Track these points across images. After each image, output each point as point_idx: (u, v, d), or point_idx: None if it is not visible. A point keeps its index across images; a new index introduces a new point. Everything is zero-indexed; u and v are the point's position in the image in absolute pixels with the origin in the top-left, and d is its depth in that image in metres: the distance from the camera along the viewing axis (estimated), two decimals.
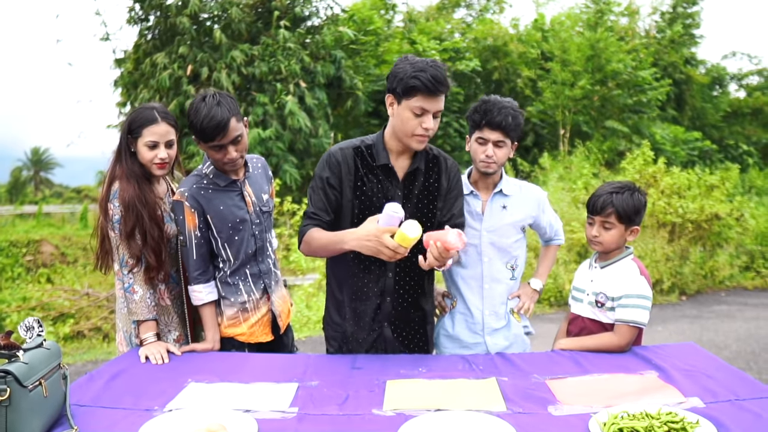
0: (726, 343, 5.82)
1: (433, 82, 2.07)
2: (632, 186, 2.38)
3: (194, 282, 2.47)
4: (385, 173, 2.30)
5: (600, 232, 2.37)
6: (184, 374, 2.11)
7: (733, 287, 8.71)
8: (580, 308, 2.45)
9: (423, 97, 2.10)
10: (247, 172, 2.55)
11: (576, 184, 10.33)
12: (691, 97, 18.92)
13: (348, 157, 2.30)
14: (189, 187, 2.43)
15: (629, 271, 2.35)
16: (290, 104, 11.37)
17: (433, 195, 2.35)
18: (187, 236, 2.44)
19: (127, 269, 2.38)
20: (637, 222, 2.38)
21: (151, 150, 2.38)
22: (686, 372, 2.01)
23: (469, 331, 2.55)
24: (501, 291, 2.55)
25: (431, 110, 2.13)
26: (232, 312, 2.52)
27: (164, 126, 2.39)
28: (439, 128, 11.45)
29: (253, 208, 2.52)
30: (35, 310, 6.74)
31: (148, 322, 2.39)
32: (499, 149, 2.45)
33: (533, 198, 2.61)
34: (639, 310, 2.26)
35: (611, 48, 14.85)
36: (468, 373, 2.10)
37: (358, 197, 2.29)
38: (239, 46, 11.82)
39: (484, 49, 16.59)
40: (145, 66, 12.18)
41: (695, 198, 8.87)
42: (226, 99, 2.35)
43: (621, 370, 2.07)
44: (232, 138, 2.32)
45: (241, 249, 2.49)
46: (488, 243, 2.53)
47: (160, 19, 12.47)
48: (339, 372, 2.13)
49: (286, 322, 2.69)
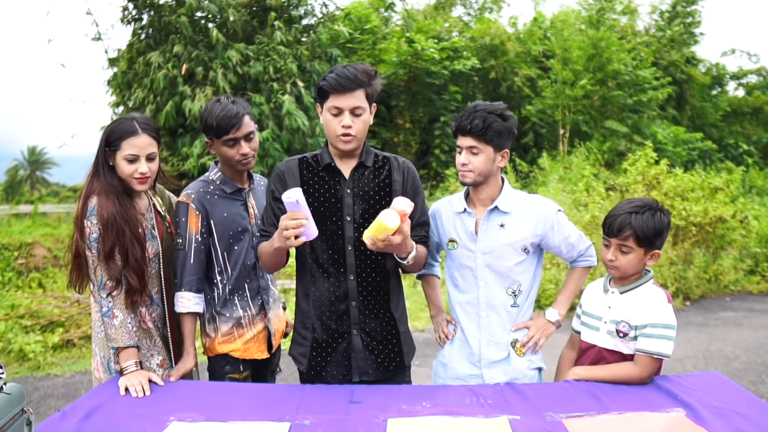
0: (735, 353, 5.65)
1: (338, 79, 2.08)
2: (654, 205, 2.14)
3: (185, 287, 2.35)
4: (330, 173, 2.23)
5: (616, 256, 2.15)
6: (167, 410, 1.93)
7: (738, 292, 8.55)
8: (595, 337, 2.22)
9: (335, 96, 2.10)
10: (252, 184, 2.53)
11: (577, 185, 10.17)
12: (691, 97, 18.81)
13: (291, 167, 2.27)
14: (196, 190, 2.41)
15: (655, 298, 2.14)
16: (287, 104, 11.19)
17: (385, 191, 2.24)
18: (187, 240, 2.36)
19: (105, 292, 2.20)
20: (658, 245, 2.14)
21: (130, 164, 2.22)
22: (716, 410, 1.83)
23: (466, 362, 2.35)
24: (501, 320, 2.32)
25: (345, 108, 2.11)
26: (227, 328, 2.43)
27: (145, 138, 2.24)
28: (436, 129, 11.22)
29: (255, 220, 2.47)
30: (24, 318, 6.55)
31: (129, 349, 2.22)
32: (474, 156, 2.24)
33: (537, 214, 2.31)
34: (664, 341, 2.07)
35: (613, 47, 14.69)
36: (476, 409, 1.92)
37: (310, 200, 2.16)
38: (235, 45, 11.63)
39: (481, 48, 16.43)
40: (139, 65, 11.98)
41: (699, 200, 8.69)
42: (240, 100, 2.41)
43: (645, 406, 1.89)
44: (245, 133, 2.36)
45: (239, 260, 2.42)
46: (484, 265, 2.31)
47: (154, 18, 12.27)
48: (335, 407, 1.95)
49: (279, 341, 2.59)
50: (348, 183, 2.21)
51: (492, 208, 2.31)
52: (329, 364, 2.26)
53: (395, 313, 2.31)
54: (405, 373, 2.38)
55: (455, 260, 2.38)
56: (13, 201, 23.08)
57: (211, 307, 2.43)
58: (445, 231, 2.41)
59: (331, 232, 2.19)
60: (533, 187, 11.98)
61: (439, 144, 14.75)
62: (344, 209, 2.20)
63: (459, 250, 2.36)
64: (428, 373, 5.06)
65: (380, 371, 2.27)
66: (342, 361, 2.25)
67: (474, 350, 2.33)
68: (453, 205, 2.42)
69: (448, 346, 2.42)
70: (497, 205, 2.30)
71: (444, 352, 2.44)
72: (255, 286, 2.47)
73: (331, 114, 2.12)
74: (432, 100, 15.11)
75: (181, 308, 2.35)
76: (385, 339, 2.28)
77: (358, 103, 2.11)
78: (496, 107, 2.24)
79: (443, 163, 14.32)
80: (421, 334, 6.30)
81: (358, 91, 2.10)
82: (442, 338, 2.45)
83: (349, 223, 2.20)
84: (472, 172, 2.25)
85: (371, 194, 2.22)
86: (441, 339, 2.46)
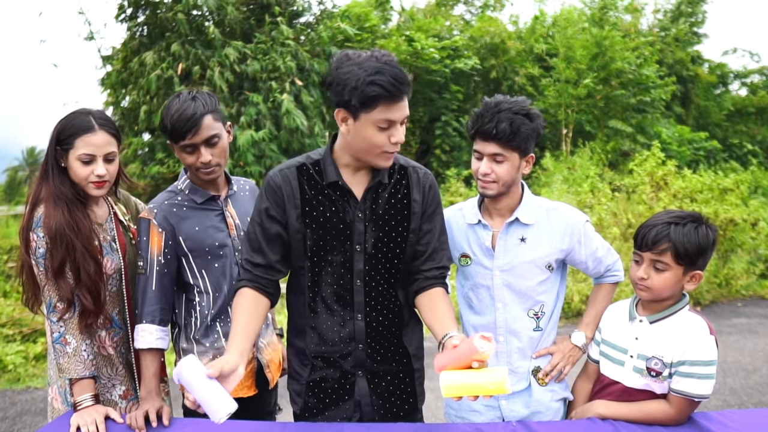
0: (755, 365, 5.34)
1: (396, 84, 1.65)
2: (698, 217, 1.80)
3: (146, 319, 1.99)
4: (337, 192, 1.84)
5: (649, 274, 1.80)
6: None
7: (750, 296, 8.24)
8: (620, 374, 1.89)
9: (386, 105, 1.66)
10: (231, 190, 2.16)
11: (582, 186, 9.91)
12: (695, 96, 18.57)
13: (289, 177, 1.85)
14: (160, 203, 2.04)
15: (694, 330, 1.79)
16: (286, 103, 10.90)
17: (403, 214, 1.87)
18: (149, 262, 2.00)
19: (56, 316, 1.90)
20: (701, 265, 1.80)
21: (86, 165, 1.93)
22: None
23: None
24: (522, 345, 2.04)
25: (399, 119, 1.70)
26: (206, 360, 2.03)
27: (103, 135, 1.94)
28: (436, 129, 11.00)
29: (236, 232, 2.10)
30: (5, 326, 6.27)
31: (84, 380, 1.92)
32: (498, 165, 1.92)
33: (563, 226, 2.01)
34: (706, 381, 1.75)
35: (617, 46, 14.43)
36: None
37: (308, 225, 1.82)
38: (232, 43, 11.36)
39: (481, 47, 16.16)
40: (134, 65, 11.71)
41: (708, 202, 8.41)
42: (204, 95, 1.99)
43: None
44: (205, 137, 1.97)
45: (221, 280, 2.07)
46: (502, 285, 2.01)
47: (149, 16, 12.00)
48: None
49: (277, 376, 2.22)
50: (360, 205, 1.83)
51: (512, 221, 2.01)
52: (327, 408, 1.92)
53: (410, 347, 1.97)
54: (416, 416, 2.03)
55: (469, 279, 2.09)
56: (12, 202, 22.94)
57: (190, 333, 2.10)
58: (457, 244, 2.10)
59: (337, 264, 1.84)
60: (536, 188, 11.71)
61: (439, 144, 14.49)
62: (354, 237, 1.83)
63: (473, 267, 2.06)
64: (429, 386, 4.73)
65: (388, 416, 1.94)
66: (343, 405, 1.92)
67: None
68: (465, 216, 2.11)
69: None
70: (518, 217, 2.01)
71: None
72: None
73: (380, 127, 1.69)
74: (432, 99, 14.85)
75: (141, 343, 1.99)
76: (396, 378, 1.95)
77: (407, 111, 1.73)
78: (522, 106, 1.91)
79: (444, 163, 14.05)
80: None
81: (406, 97, 1.71)
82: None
83: (359, 254, 1.84)
84: (495, 183, 1.94)
85: (386, 218, 1.86)
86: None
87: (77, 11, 13.96)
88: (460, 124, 14.51)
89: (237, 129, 10.48)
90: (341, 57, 1.74)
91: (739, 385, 4.80)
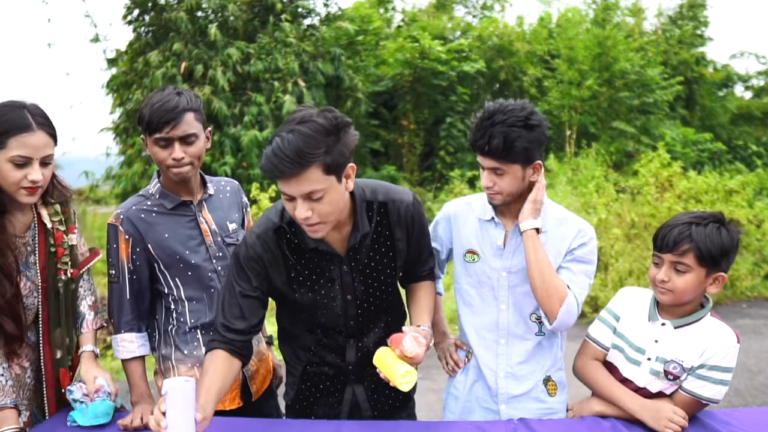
0: (759, 366, 5.31)
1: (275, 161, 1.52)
2: (720, 217, 1.74)
3: (124, 329, 1.94)
4: (320, 256, 1.79)
5: (670, 276, 1.73)
6: None
7: (755, 298, 8.20)
8: (635, 374, 1.84)
9: (280, 180, 1.57)
10: (206, 193, 2.05)
11: (587, 187, 9.87)
12: (700, 97, 18.51)
13: (269, 244, 1.76)
14: (127, 208, 1.96)
15: (721, 337, 1.74)
16: (288, 104, 10.90)
17: (388, 256, 1.85)
18: (120, 270, 1.93)
19: None
20: (725, 268, 1.73)
21: (18, 169, 1.67)
22: None
23: (482, 396, 2.04)
24: (524, 350, 1.99)
25: (296, 194, 1.57)
26: (185, 368, 2.01)
27: (42, 136, 1.70)
28: (441, 130, 10.97)
29: (212, 238, 2.02)
30: None
31: (6, 410, 1.72)
32: (499, 178, 1.85)
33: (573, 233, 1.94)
34: (720, 387, 1.72)
35: (619, 46, 14.41)
36: None
37: (296, 290, 1.81)
38: (235, 43, 11.37)
39: (488, 49, 16.14)
40: (138, 65, 11.73)
41: (714, 203, 8.38)
42: (190, 93, 1.91)
43: None
44: (182, 133, 1.87)
45: (198, 289, 2.00)
46: (508, 287, 1.97)
47: (154, 17, 12.03)
48: None
49: (263, 387, 2.16)
50: (344, 260, 1.81)
51: None
52: (323, 397, 1.96)
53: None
54: (409, 405, 2.07)
55: (473, 276, 2.03)
56: None
57: (170, 340, 2.04)
58: (464, 240, 2.04)
59: (330, 311, 1.85)
60: None
61: (443, 146, 14.46)
62: (344, 290, 1.83)
63: (479, 265, 2.00)
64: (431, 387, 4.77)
65: (385, 409, 1.98)
66: (337, 396, 1.96)
67: (490, 383, 2.01)
68: (475, 211, 2.04)
69: (461, 375, 2.10)
70: None
71: (456, 383, 2.12)
72: None
73: (284, 198, 1.62)
74: (437, 101, 14.84)
75: (124, 353, 1.94)
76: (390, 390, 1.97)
77: (311, 186, 1.54)
78: (519, 115, 1.79)
79: (448, 165, 14.02)
80: None
81: (309, 170, 1.52)
82: (452, 367, 2.13)
83: (351, 302, 1.85)
84: (499, 194, 1.88)
85: (372, 266, 1.85)
86: (450, 367, 2.13)
87: (83, 14, 13.97)
88: (465, 126, 14.49)
89: (240, 129, 10.48)
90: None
91: (744, 386, 4.77)
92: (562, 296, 1.84)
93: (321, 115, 1.54)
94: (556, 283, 1.84)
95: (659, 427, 1.70)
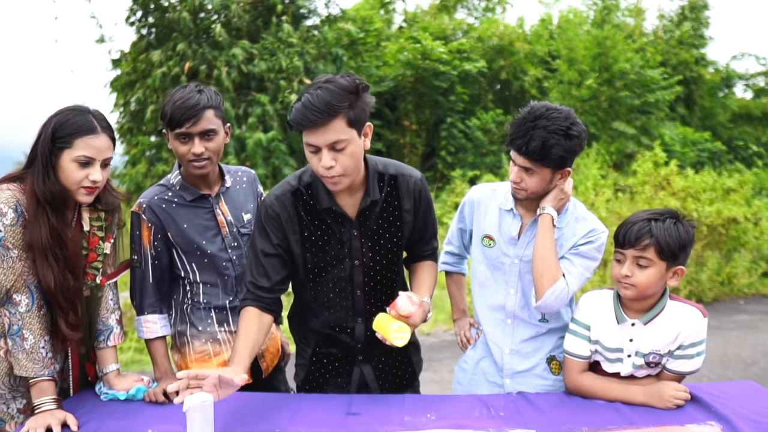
0: (753, 358, 5.43)
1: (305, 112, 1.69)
2: (676, 213, 1.84)
3: (148, 311, 2.08)
4: (332, 216, 1.92)
5: (632, 271, 1.81)
6: (145, 424, 1.76)
7: (752, 295, 8.31)
8: (619, 368, 1.94)
9: (306, 132, 1.73)
10: (224, 186, 2.17)
11: (585, 185, 9.97)
12: (700, 98, 18.60)
13: (286, 204, 1.92)
14: (150, 197, 2.07)
15: (689, 318, 1.84)
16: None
17: (395, 226, 1.99)
18: (143, 255, 2.06)
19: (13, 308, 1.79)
20: (683, 260, 1.82)
21: (81, 168, 1.79)
22: (756, 424, 1.65)
23: (489, 370, 2.16)
24: (528, 333, 2.10)
25: (321, 145, 1.72)
26: (199, 343, 2.14)
27: (104, 139, 1.82)
28: (442, 131, 11.00)
29: (228, 229, 2.14)
30: None
31: (44, 382, 1.81)
32: (529, 176, 1.93)
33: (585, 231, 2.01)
34: (697, 358, 1.85)
35: (618, 46, 14.51)
36: (487, 422, 1.74)
37: (307, 249, 1.94)
38: (239, 43, 11.48)
39: (489, 49, 16.26)
40: (141, 65, 11.85)
41: (712, 201, 8.49)
42: (210, 91, 2.02)
43: (674, 419, 1.72)
44: (202, 129, 1.97)
45: (213, 274, 2.13)
46: (518, 273, 2.06)
47: (158, 18, 12.15)
48: (330, 420, 1.77)
49: (272, 364, 2.29)
50: (354, 224, 1.93)
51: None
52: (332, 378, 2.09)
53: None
54: (414, 384, 2.20)
55: (488, 259, 2.14)
56: None
57: (186, 318, 2.16)
58: (483, 225, 2.15)
59: (338, 278, 1.97)
60: None
61: (445, 146, 14.56)
62: (353, 254, 1.95)
63: (495, 250, 2.11)
64: (434, 378, 4.91)
65: (393, 387, 2.11)
66: (346, 377, 2.08)
67: (496, 359, 2.13)
68: (498, 199, 2.13)
69: (471, 350, 2.23)
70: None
71: (466, 357, 2.25)
72: (236, 302, 2.13)
73: (309, 151, 1.76)
74: (438, 101, 14.94)
75: (148, 334, 2.07)
76: (393, 357, 2.12)
77: (336, 136, 1.70)
78: (561, 124, 1.85)
79: (449, 164, 14.12)
80: (426, 338, 6.13)
81: (335, 120, 1.69)
82: (464, 342, 2.26)
83: (358, 268, 1.97)
84: (524, 191, 1.98)
85: (380, 233, 1.97)
86: (463, 343, 2.27)
87: (89, 15, 14.08)
88: (465, 126, 14.60)
89: (245, 130, 10.58)
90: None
91: (738, 377, 4.89)
92: (553, 279, 1.93)
93: (343, 78, 1.73)
94: (552, 267, 1.95)
95: (669, 405, 1.80)
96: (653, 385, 1.86)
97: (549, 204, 1.98)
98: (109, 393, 1.95)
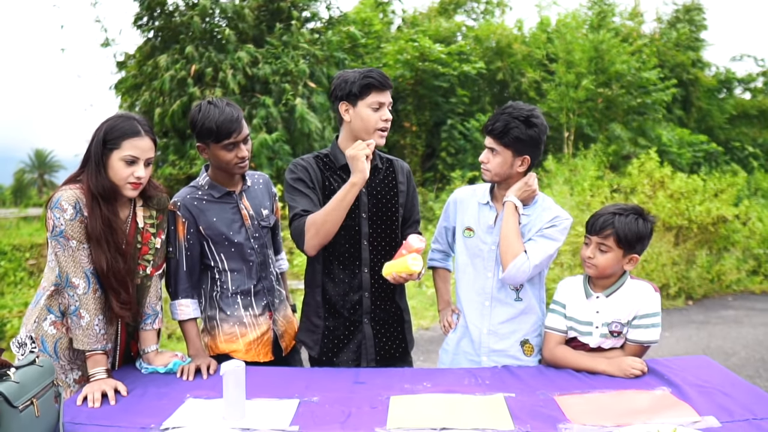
0: (734, 349, 5.73)
1: (382, 77, 2.29)
2: (639, 210, 2.19)
3: (181, 295, 2.40)
4: (347, 173, 2.31)
5: (595, 254, 2.18)
6: (183, 390, 2.06)
7: (741, 292, 8.61)
8: (589, 340, 2.25)
9: (377, 92, 2.28)
10: (245, 185, 2.50)
11: (582, 186, 10.23)
12: (697, 99, 18.82)
13: (311, 163, 2.42)
14: (183, 197, 2.40)
15: (641, 291, 2.19)
16: (299, 107, 11.20)
17: (393, 192, 2.47)
18: (177, 248, 2.38)
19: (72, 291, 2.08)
20: (638, 251, 2.18)
21: (128, 166, 2.09)
22: (700, 388, 1.95)
23: (468, 349, 2.45)
24: (505, 313, 2.38)
25: (386, 102, 2.31)
26: (228, 326, 2.45)
27: (147, 141, 2.13)
28: (442, 132, 11.22)
29: (250, 222, 2.46)
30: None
31: (97, 355, 2.09)
32: (493, 156, 2.31)
33: (549, 218, 2.32)
34: (653, 329, 2.16)
35: (614, 49, 14.76)
36: (474, 388, 2.04)
37: (327, 198, 2.33)
38: (244, 47, 11.72)
39: (487, 50, 16.52)
40: (147, 67, 12.06)
41: (702, 201, 8.78)
42: (232, 103, 2.37)
43: (632, 386, 2.01)
44: (244, 136, 2.34)
45: (239, 262, 2.44)
46: (495, 258, 2.37)
47: (164, 21, 12.36)
48: (341, 387, 2.08)
49: (290, 345, 2.60)
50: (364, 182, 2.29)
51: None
52: (341, 351, 2.41)
53: (401, 303, 2.51)
54: (407, 360, 2.55)
55: (469, 249, 2.45)
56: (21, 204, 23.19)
57: (215, 303, 2.46)
58: (464, 219, 2.48)
59: (348, 227, 2.34)
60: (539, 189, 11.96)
61: (445, 147, 14.83)
62: (361, 207, 2.37)
63: (474, 239, 2.43)
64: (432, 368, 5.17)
65: (387, 358, 2.45)
66: (353, 348, 2.41)
67: (474, 338, 2.42)
68: (476, 195, 2.49)
69: (452, 334, 2.53)
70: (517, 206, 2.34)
71: (448, 340, 2.55)
72: (259, 287, 2.47)
73: (372, 108, 2.29)
74: (438, 103, 15.19)
75: (182, 315, 2.38)
76: (392, 327, 2.47)
77: (390, 99, 2.34)
78: (522, 112, 2.25)
79: (449, 165, 14.38)
80: (426, 332, 6.42)
81: (390, 90, 2.33)
82: (446, 327, 2.57)
83: (364, 220, 2.38)
84: (489, 171, 2.35)
85: (383, 193, 2.43)
86: (445, 328, 2.58)
87: (95, 19, 14.31)
88: (465, 128, 14.85)
89: (250, 131, 10.78)
90: (339, 72, 2.40)
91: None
92: (515, 254, 2.25)
93: None
94: (514, 244, 2.28)
95: (626, 375, 2.11)
96: (616, 359, 2.17)
97: (513, 194, 2.33)
98: (149, 367, 2.26)
